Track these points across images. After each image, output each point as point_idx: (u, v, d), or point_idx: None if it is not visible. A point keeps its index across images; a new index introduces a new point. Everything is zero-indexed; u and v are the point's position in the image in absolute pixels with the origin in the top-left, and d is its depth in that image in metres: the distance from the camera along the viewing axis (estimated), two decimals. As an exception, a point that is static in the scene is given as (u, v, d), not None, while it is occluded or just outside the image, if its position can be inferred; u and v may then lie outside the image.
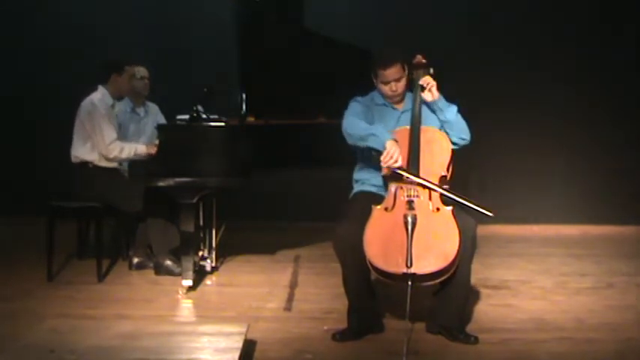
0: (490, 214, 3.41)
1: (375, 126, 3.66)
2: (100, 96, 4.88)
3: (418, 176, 3.55)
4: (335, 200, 4.01)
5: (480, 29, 6.41)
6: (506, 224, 6.33)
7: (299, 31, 4.80)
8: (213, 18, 6.05)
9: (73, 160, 4.86)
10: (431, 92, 3.71)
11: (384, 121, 3.80)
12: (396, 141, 3.56)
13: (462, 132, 3.76)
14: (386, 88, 3.77)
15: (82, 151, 4.83)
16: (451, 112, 3.75)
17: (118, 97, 5.02)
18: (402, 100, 3.85)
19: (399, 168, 3.53)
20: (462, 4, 6.47)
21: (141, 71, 5.14)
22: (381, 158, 3.51)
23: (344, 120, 3.73)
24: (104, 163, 4.82)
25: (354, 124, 3.67)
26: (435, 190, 3.53)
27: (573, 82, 6.42)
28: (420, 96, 3.73)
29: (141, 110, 5.23)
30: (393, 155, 3.49)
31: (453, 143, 3.74)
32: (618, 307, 4.27)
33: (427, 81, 3.72)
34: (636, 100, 6.53)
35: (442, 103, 3.75)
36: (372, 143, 3.58)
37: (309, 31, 4.79)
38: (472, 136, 3.78)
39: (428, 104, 3.76)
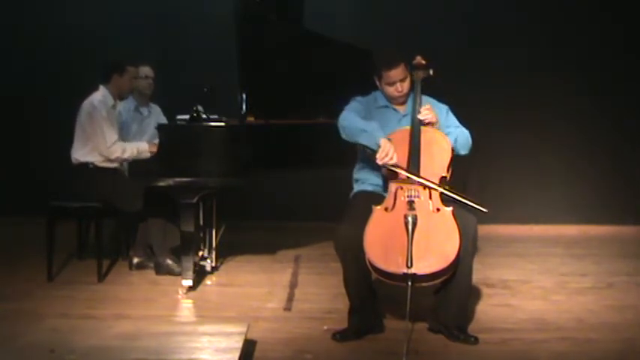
0: (484, 210, 3.41)
1: (369, 123, 3.65)
2: (100, 97, 4.85)
3: (415, 174, 3.54)
4: (335, 200, 4.01)
5: (480, 29, 6.42)
6: (506, 224, 6.36)
7: (299, 31, 4.80)
8: (213, 18, 6.06)
9: (73, 162, 4.84)
10: (431, 123, 3.68)
11: (386, 123, 3.78)
12: (389, 139, 3.55)
13: (462, 149, 3.76)
14: (391, 89, 3.76)
15: (82, 153, 4.81)
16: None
17: (119, 97, 5.01)
18: (405, 102, 3.84)
19: (395, 165, 3.53)
20: (462, 4, 6.47)
21: (145, 70, 5.14)
22: (377, 156, 3.51)
23: (342, 113, 3.73)
24: (105, 164, 4.81)
25: (350, 117, 3.68)
26: (433, 189, 3.52)
27: (573, 83, 6.43)
28: (420, 97, 3.72)
29: (144, 110, 5.23)
30: (388, 152, 3.49)
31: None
32: (618, 307, 4.27)
33: (425, 115, 3.65)
34: (636, 101, 6.53)
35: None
36: (363, 140, 3.59)
37: (309, 31, 4.79)
38: (473, 140, 3.77)
39: None
